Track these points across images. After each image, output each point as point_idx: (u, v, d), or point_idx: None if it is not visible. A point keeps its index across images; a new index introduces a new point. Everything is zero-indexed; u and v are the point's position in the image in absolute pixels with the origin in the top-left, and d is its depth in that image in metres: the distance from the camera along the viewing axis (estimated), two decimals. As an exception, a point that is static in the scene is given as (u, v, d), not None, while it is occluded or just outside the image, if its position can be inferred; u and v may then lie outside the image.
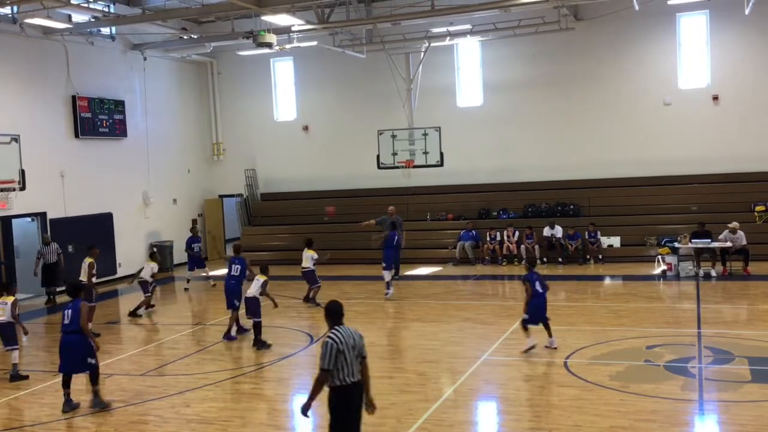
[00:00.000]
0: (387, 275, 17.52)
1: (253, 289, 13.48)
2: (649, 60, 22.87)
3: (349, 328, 7.12)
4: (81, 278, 14.93)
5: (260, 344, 13.21)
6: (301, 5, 18.82)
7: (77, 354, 10.16)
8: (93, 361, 10.24)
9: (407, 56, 24.60)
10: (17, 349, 12.24)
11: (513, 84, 24.11)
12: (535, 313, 12.14)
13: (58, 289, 18.65)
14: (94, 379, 10.28)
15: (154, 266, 16.91)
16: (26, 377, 12.04)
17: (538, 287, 12.18)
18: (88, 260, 15.14)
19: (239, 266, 14.62)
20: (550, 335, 12.20)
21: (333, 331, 7.02)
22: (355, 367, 6.97)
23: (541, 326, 12.21)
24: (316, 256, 17.04)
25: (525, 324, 12.18)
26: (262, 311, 13.51)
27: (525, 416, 9.26)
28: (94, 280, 15.15)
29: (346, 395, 6.94)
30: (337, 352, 6.86)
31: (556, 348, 12.05)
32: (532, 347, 11.99)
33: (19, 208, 19.09)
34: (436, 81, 24.54)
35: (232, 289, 14.35)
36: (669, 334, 13.06)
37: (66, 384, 10.28)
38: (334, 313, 7.15)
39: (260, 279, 13.59)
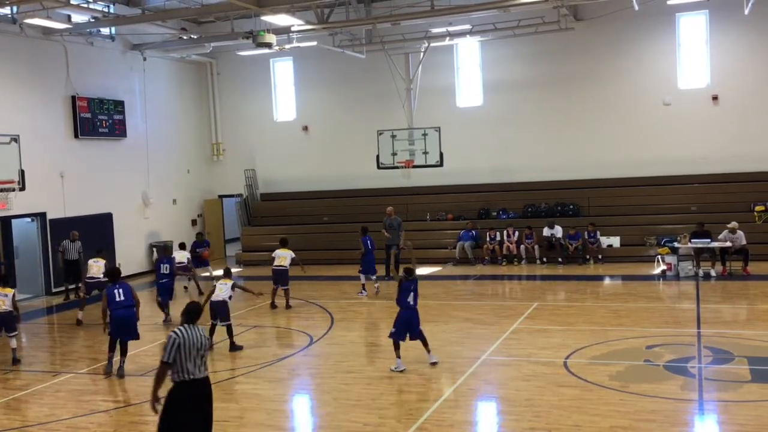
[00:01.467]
0: (362, 278, 18.23)
1: (223, 294, 13.34)
2: (648, 60, 22.87)
3: (200, 328, 7.46)
4: (94, 275, 16.44)
5: (235, 347, 13.19)
6: (301, 5, 18.81)
7: (133, 324, 11.99)
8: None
9: (407, 56, 24.60)
10: (18, 333, 13.38)
11: (513, 84, 24.11)
12: (405, 327, 11.39)
13: (80, 285, 18.71)
14: (126, 351, 11.95)
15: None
16: (19, 361, 13.01)
17: (410, 299, 11.44)
18: (102, 261, 16.70)
19: (168, 265, 16.49)
20: (428, 351, 11.53)
21: (179, 327, 7.37)
22: (198, 365, 7.31)
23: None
24: (293, 255, 16.90)
25: (393, 338, 11.40)
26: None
27: (525, 416, 9.25)
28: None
29: (184, 391, 7.25)
30: (178, 346, 7.19)
31: (436, 362, 11.42)
32: (402, 370, 11.23)
33: (19, 209, 19.09)
34: (436, 81, 24.54)
35: (168, 286, 16.29)
36: (669, 334, 13.06)
37: (113, 348, 11.86)
38: (192, 314, 7.54)
39: (227, 283, 13.49)
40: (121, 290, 12.01)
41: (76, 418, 9.96)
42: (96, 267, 16.63)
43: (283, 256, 16.81)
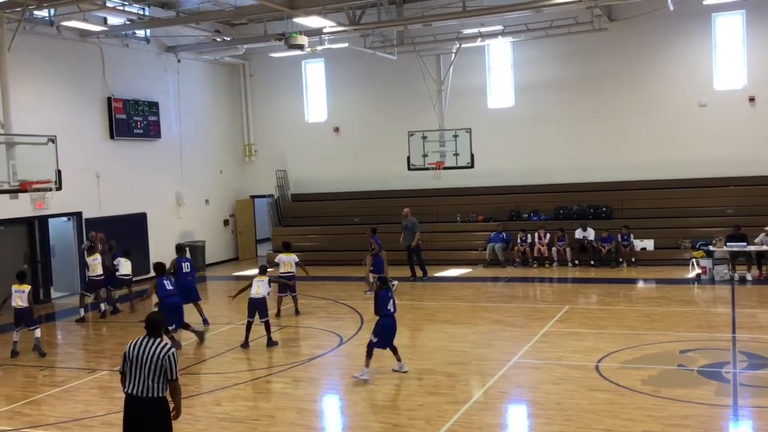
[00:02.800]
0: (371, 277, 18.25)
1: (262, 291, 13.56)
2: (684, 61, 22.57)
3: (158, 342, 6.90)
4: (101, 274, 17.20)
5: (272, 343, 13.55)
6: (333, 7, 18.89)
7: (180, 312, 13.78)
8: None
9: (438, 57, 24.55)
10: (38, 327, 13.95)
11: (545, 85, 23.95)
12: (387, 335, 11.18)
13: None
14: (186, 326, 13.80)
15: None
16: (44, 354, 13.59)
17: (390, 307, 11.19)
18: (99, 257, 17.40)
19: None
20: (398, 359, 11.35)
21: (135, 339, 7.01)
22: (141, 381, 6.80)
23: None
24: (297, 258, 16.52)
25: (372, 348, 11.10)
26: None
27: (556, 420, 9.18)
28: None
29: (127, 403, 6.96)
30: (124, 357, 6.95)
31: (406, 371, 11.23)
32: (366, 380, 10.96)
33: (56, 208, 19.39)
34: (467, 82, 24.46)
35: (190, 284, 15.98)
36: (703, 339, 12.88)
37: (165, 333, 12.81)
38: (151, 327, 7.04)
39: (263, 279, 13.73)
40: (168, 282, 13.63)
41: (110, 414, 10.08)
42: (98, 266, 17.09)
43: (289, 261, 16.36)
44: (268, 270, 14.89)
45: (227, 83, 27.33)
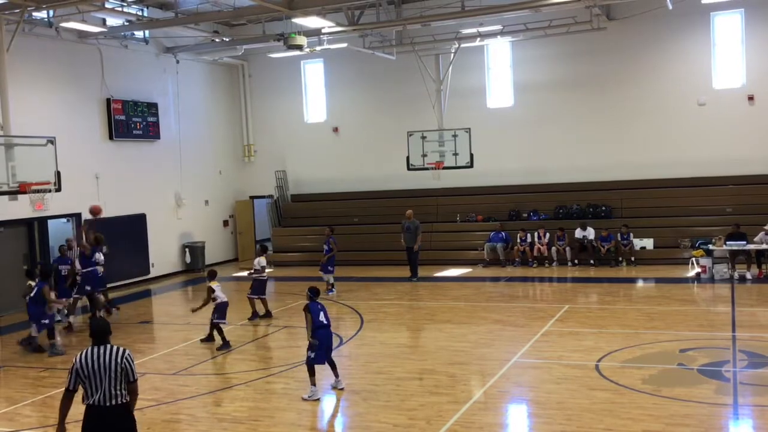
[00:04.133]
0: (330, 278, 19.00)
1: (225, 294, 14.03)
2: (682, 60, 22.57)
3: (111, 348, 6.76)
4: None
5: (225, 345, 13.67)
6: (332, 7, 18.92)
7: (39, 315, 14.17)
8: (46, 321, 14.22)
9: (437, 57, 24.54)
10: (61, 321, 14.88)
11: (544, 84, 23.96)
12: (323, 348, 10.63)
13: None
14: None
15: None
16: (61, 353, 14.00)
17: (322, 318, 10.64)
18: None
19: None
20: (336, 375, 10.85)
21: (84, 350, 6.79)
22: (106, 390, 6.61)
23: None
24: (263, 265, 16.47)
25: (311, 363, 10.54)
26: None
27: (556, 419, 9.19)
28: None
29: (89, 415, 6.69)
30: (76, 372, 6.67)
31: (342, 389, 10.74)
32: (318, 399, 10.43)
33: (55, 209, 19.36)
34: (466, 82, 24.46)
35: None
36: (703, 338, 12.89)
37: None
38: (97, 334, 6.87)
39: (218, 285, 14.02)
40: (36, 290, 14.16)
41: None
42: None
43: (261, 264, 16.45)
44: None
45: (226, 84, 27.33)
